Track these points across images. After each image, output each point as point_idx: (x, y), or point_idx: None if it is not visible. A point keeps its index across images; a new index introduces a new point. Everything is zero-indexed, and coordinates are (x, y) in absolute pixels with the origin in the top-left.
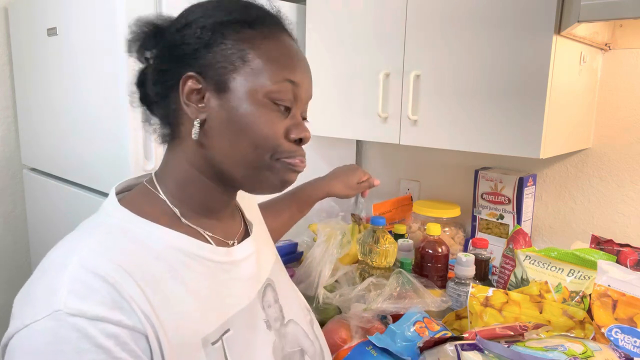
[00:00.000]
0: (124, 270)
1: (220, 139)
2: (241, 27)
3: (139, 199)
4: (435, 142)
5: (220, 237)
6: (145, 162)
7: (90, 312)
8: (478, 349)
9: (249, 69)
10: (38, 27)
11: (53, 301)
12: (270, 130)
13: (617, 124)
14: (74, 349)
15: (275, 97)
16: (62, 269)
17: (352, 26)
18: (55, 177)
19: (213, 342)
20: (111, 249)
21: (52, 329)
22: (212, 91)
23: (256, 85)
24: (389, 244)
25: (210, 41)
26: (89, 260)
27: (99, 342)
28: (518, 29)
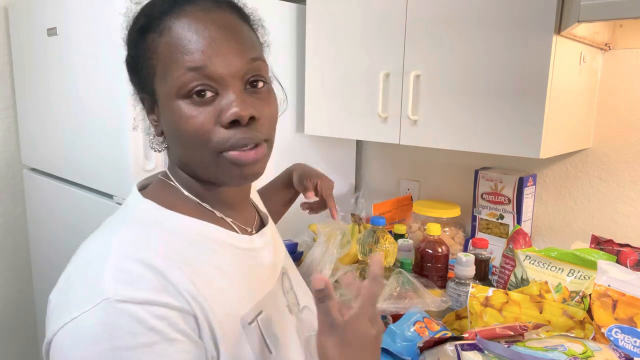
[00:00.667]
0: (164, 256)
1: (174, 146)
2: (144, 34)
3: (161, 191)
4: (435, 142)
5: (241, 225)
6: (145, 162)
7: (139, 297)
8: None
9: (158, 73)
10: (38, 27)
11: (100, 291)
12: (194, 126)
13: (617, 124)
14: (127, 333)
15: (184, 92)
16: (103, 261)
17: (352, 26)
18: (55, 177)
19: (250, 322)
20: (147, 238)
21: (103, 317)
22: (154, 105)
23: (167, 89)
24: (389, 244)
25: (133, 59)
26: (129, 249)
27: (151, 324)
28: (518, 28)
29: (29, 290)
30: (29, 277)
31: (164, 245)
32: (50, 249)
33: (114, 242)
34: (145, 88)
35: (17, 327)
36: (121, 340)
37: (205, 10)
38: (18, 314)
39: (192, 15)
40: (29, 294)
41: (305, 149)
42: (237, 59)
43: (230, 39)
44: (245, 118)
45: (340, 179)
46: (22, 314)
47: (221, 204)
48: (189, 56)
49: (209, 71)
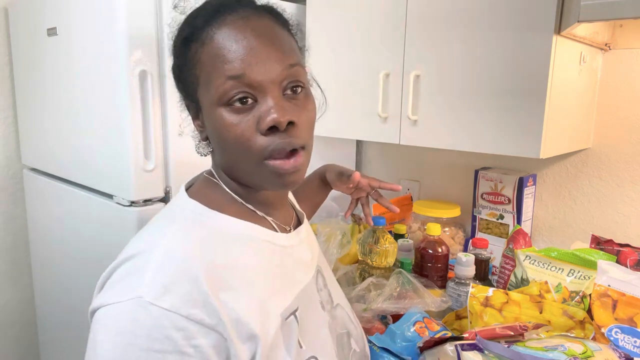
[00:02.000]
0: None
1: (218, 152)
2: (189, 45)
3: (206, 191)
4: (435, 142)
5: (280, 223)
6: (145, 162)
7: (167, 303)
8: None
9: (202, 83)
10: (38, 27)
11: (137, 287)
12: (235, 134)
13: (617, 124)
14: (146, 334)
15: (225, 101)
16: (149, 258)
17: (352, 26)
18: (55, 177)
19: (286, 318)
20: (192, 238)
21: (132, 312)
22: (199, 112)
23: (209, 97)
24: (389, 244)
25: (179, 68)
26: (174, 251)
27: (168, 333)
28: (518, 28)
29: (29, 290)
30: (29, 277)
31: (207, 246)
32: (50, 249)
33: (163, 240)
34: (190, 96)
35: (17, 326)
36: (139, 339)
37: (245, 18)
38: (18, 314)
39: (232, 24)
40: (29, 294)
41: None
42: (275, 66)
43: (268, 45)
44: (284, 124)
45: None
46: (22, 313)
47: (261, 204)
48: (229, 65)
49: (248, 79)
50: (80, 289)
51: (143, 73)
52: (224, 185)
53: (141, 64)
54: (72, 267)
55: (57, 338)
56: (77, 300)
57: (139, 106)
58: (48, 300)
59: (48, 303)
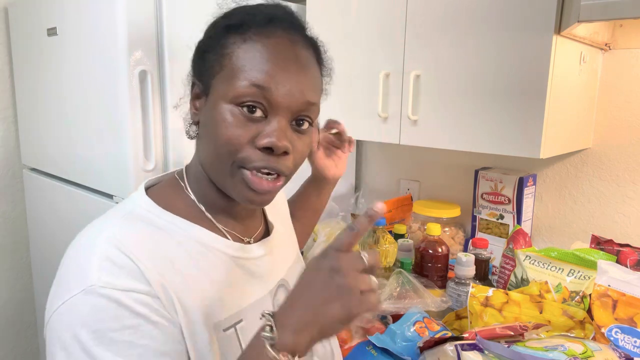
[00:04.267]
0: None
1: (202, 142)
2: (229, 33)
3: (166, 191)
4: (435, 142)
5: (237, 234)
6: (145, 162)
7: (122, 284)
8: (478, 349)
9: (224, 73)
10: (38, 27)
11: (86, 277)
12: (231, 134)
13: (617, 124)
14: (112, 317)
15: (239, 102)
16: (91, 249)
17: (352, 26)
18: (55, 177)
19: (225, 329)
20: (135, 231)
21: (88, 300)
22: (202, 96)
23: (225, 91)
24: (389, 244)
25: (206, 47)
26: (114, 239)
27: (135, 309)
28: (518, 29)
29: (29, 290)
30: (29, 277)
31: (148, 240)
32: (50, 249)
33: (104, 231)
34: (203, 77)
35: (18, 326)
36: (107, 323)
37: (293, 42)
38: (18, 313)
39: (279, 41)
40: (29, 294)
41: None
42: (298, 96)
43: (301, 75)
44: (280, 150)
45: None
46: (22, 313)
47: (224, 210)
48: (259, 74)
49: (269, 94)
50: None
51: (143, 73)
52: (188, 189)
53: (141, 64)
54: None
55: None
56: None
57: (139, 106)
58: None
59: None
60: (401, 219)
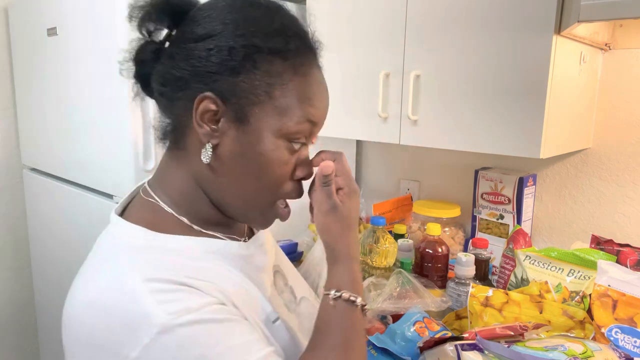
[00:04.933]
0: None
1: (230, 170)
2: (275, 58)
3: (146, 214)
4: (435, 142)
5: (234, 236)
6: (145, 162)
7: (192, 305)
8: (478, 349)
9: (273, 106)
10: (38, 27)
11: (151, 321)
12: (281, 172)
13: (617, 124)
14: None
15: (293, 138)
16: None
17: (352, 26)
18: (55, 177)
19: (273, 321)
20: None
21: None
22: (230, 119)
23: (277, 125)
24: (389, 244)
25: (239, 66)
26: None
27: (218, 317)
28: (518, 29)
29: (29, 290)
30: (29, 277)
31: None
32: (50, 249)
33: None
34: (235, 99)
35: (18, 326)
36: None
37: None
38: (18, 313)
39: (315, 69)
40: (29, 294)
41: None
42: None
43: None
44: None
45: None
46: (22, 313)
47: (211, 223)
48: (314, 110)
49: (315, 130)
50: None
51: None
52: (167, 208)
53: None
54: (72, 267)
55: (57, 338)
56: None
57: (138, 106)
58: (48, 301)
59: (48, 303)
60: (401, 219)
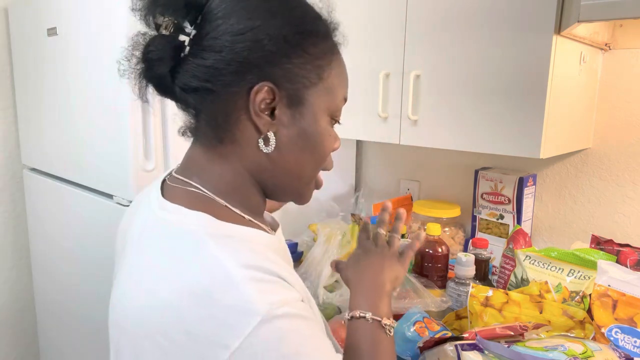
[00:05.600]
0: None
1: (287, 152)
2: (319, 41)
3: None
4: (435, 142)
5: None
6: (145, 162)
7: (286, 297)
8: (478, 349)
9: (324, 86)
10: (38, 27)
11: (254, 309)
12: (331, 147)
13: (617, 124)
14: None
15: (336, 115)
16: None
17: (352, 26)
18: (55, 177)
19: None
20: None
21: (272, 328)
22: (285, 105)
23: (328, 104)
24: None
25: (291, 53)
26: (240, 260)
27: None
28: (518, 29)
29: (29, 290)
30: (29, 277)
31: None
32: (50, 249)
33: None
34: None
35: (18, 326)
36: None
37: None
38: (18, 313)
39: None
40: (29, 294)
41: None
42: None
43: None
44: None
45: (340, 179)
46: (22, 313)
47: (256, 212)
48: (346, 89)
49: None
50: (80, 288)
51: None
52: (216, 197)
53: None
54: (72, 267)
55: (57, 338)
56: (77, 300)
57: (139, 106)
58: (48, 301)
59: (48, 303)
60: None
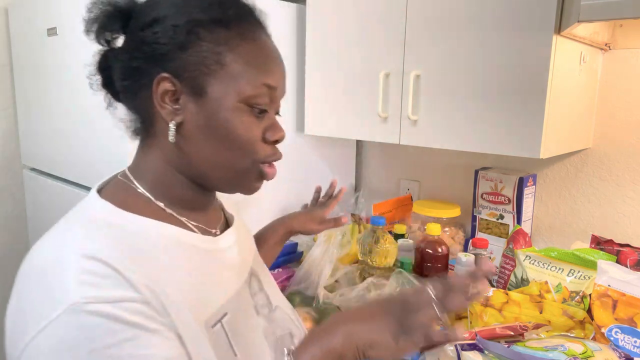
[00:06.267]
0: (123, 254)
1: (199, 144)
2: (217, 27)
3: (119, 193)
4: (435, 142)
5: (203, 226)
6: None
7: (110, 295)
8: (478, 349)
9: (226, 73)
10: (38, 27)
11: (65, 297)
12: (248, 135)
13: (617, 124)
14: (105, 332)
15: (251, 102)
16: (62, 265)
17: (352, 26)
18: (55, 177)
19: (212, 325)
20: (105, 237)
21: (74, 321)
22: (188, 94)
23: (234, 91)
24: (389, 244)
25: (185, 42)
26: (86, 249)
27: (129, 320)
28: (518, 29)
29: None
30: None
31: (123, 244)
32: None
33: (70, 242)
34: (188, 74)
35: None
36: (101, 340)
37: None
38: None
39: (270, 42)
40: None
41: (305, 149)
42: (284, 90)
43: (285, 73)
44: (283, 140)
45: (340, 179)
46: None
47: (187, 207)
48: (269, 74)
49: (275, 94)
50: None
51: None
52: (140, 187)
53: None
54: None
55: None
56: None
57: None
58: None
59: None
60: (401, 219)
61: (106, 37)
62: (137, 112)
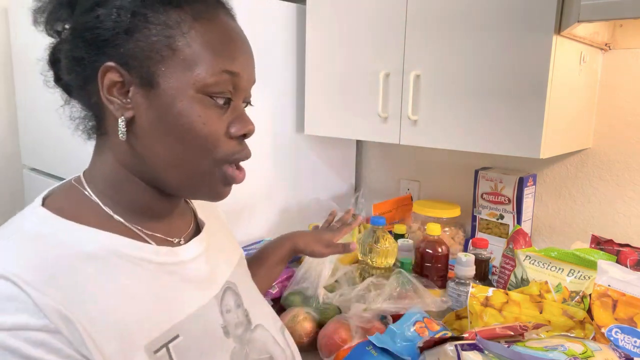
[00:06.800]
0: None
1: (152, 140)
2: (166, 7)
3: (62, 199)
4: (435, 142)
5: (162, 236)
6: None
7: (9, 322)
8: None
9: (179, 59)
10: None
11: None
12: (208, 130)
13: (617, 124)
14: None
15: (211, 92)
16: None
17: (352, 26)
18: (55, 177)
19: (155, 351)
20: (26, 252)
21: None
22: (138, 85)
23: (189, 79)
24: (389, 244)
25: (131, 25)
26: (4, 267)
27: (26, 353)
28: (518, 29)
29: None
30: None
31: (46, 261)
32: None
33: None
34: (136, 62)
35: None
36: None
37: (232, 17)
38: None
39: (232, 23)
40: None
41: (305, 149)
42: (253, 79)
43: (251, 56)
44: (252, 134)
45: (340, 179)
46: None
47: (143, 213)
48: (230, 59)
49: (239, 81)
50: None
51: None
52: (91, 194)
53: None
54: None
55: None
56: None
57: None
58: None
59: None
60: (401, 219)
61: (56, 28)
62: (86, 108)
